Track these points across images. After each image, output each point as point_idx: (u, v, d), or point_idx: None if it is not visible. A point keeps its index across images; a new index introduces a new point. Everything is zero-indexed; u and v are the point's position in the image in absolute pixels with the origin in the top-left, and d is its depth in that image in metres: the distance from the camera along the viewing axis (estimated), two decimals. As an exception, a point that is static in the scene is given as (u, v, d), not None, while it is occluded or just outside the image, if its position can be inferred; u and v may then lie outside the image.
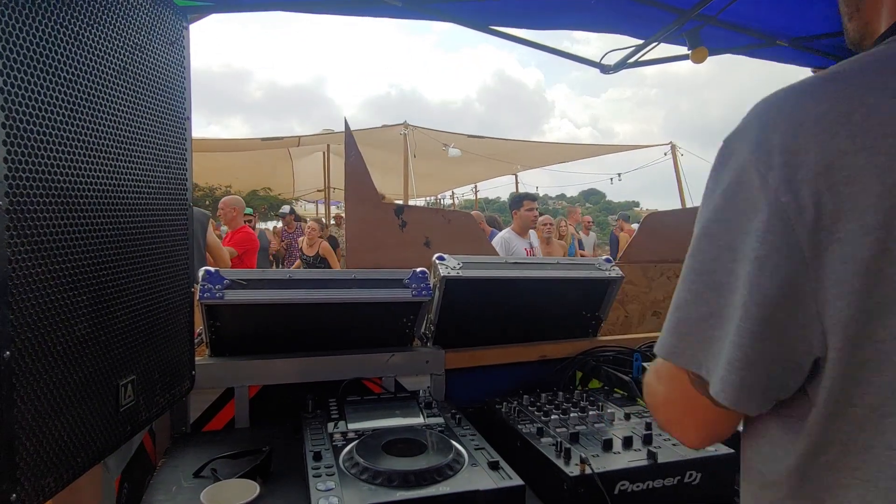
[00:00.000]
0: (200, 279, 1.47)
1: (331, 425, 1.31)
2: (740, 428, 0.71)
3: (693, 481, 1.18)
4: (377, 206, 1.99)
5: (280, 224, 9.94)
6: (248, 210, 7.86)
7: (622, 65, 2.13)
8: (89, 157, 0.83)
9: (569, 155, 13.80)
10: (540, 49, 2.33)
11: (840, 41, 2.64)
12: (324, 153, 12.43)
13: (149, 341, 1.00)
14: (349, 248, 1.97)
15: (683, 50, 2.29)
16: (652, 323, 2.39)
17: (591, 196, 51.73)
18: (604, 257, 1.94)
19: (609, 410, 1.43)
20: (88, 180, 0.83)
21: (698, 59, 1.76)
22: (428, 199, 19.04)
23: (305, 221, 10.11)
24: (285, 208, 9.96)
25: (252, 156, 11.82)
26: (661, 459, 1.16)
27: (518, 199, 4.45)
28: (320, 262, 7.24)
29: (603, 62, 2.18)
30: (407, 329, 1.77)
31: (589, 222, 10.10)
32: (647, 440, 1.25)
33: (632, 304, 2.40)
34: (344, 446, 1.19)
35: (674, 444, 1.25)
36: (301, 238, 8.24)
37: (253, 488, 0.99)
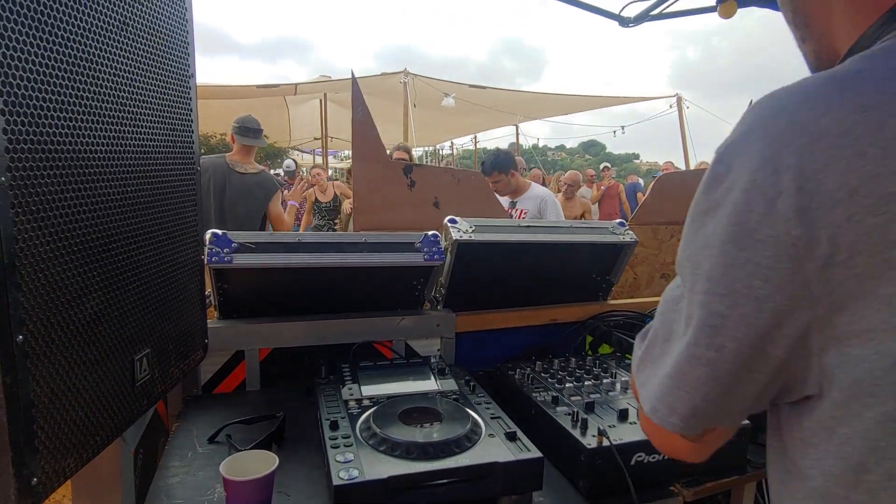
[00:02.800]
0: (208, 242, 1.43)
1: (345, 391, 1.30)
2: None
3: (708, 452, 1.18)
4: (385, 166, 1.93)
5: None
6: None
7: (644, 17, 2.02)
8: (91, 123, 0.78)
9: (572, 106, 13.48)
10: (554, -3, 2.20)
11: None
12: (321, 101, 12.10)
13: (162, 312, 0.97)
14: (357, 209, 1.92)
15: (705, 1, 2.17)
16: (660, 285, 2.38)
17: (591, 148, 51.13)
18: (617, 220, 1.90)
19: (623, 378, 1.43)
20: (92, 147, 0.78)
21: (727, 14, 1.65)
22: (426, 149, 18.75)
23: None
24: (290, 164, 9.27)
25: (247, 103, 11.48)
26: (677, 431, 1.16)
27: (487, 170, 3.43)
28: (340, 204, 6.85)
29: (622, 14, 2.06)
30: (417, 292, 1.75)
31: (591, 176, 9.92)
32: (662, 410, 1.25)
33: (641, 266, 2.38)
34: (360, 414, 1.18)
35: (688, 415, 1.25)
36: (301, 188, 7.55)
37: (272, 460, 0.99)
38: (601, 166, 9.90)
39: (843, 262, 0.45)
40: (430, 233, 1.63)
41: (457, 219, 1.68)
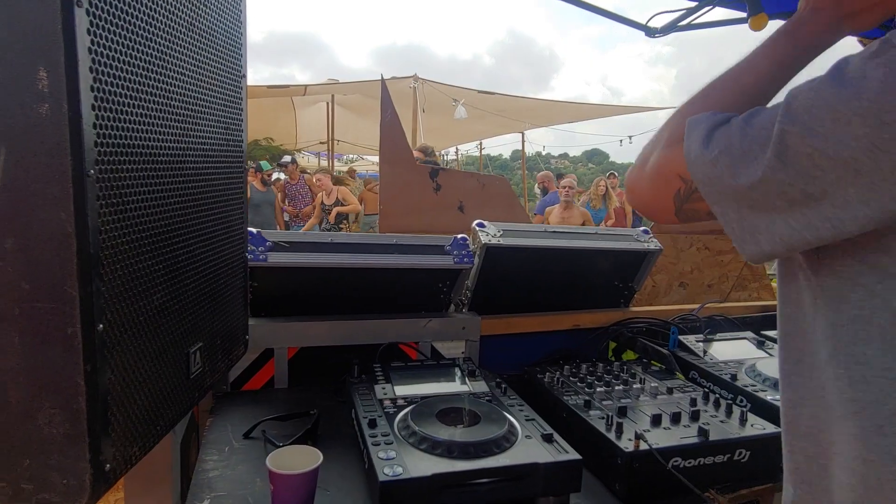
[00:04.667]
0: (243, 240, 1.44)
1: (379, 391, 1.31)
2: None
3: (742, 459, 1.19)
4: (412, 169, 1.95)
5: (282, 176, 9.37)
6: None
7: (671, 28, 2.04)
8: (162, 119, 0.79)
9: (578, 115, 13.53)
10: (579, 6, 2.23)
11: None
12: (328, 103, 12.13)
13: (213, 307, 0.98)
14: (383, 212, 1.94)
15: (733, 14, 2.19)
16: (679, 294, 2.39)
17: (595, 156, 51.18)
18: (641, 228, 1.92)
19: (652, 384, 1.44)
20: (162, 143, 0.79)
21: (758, 27, 1.66)
22: (431, 154, 18.74)
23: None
24: (286, 158, 9.47)
25: (255, 103, 11.49)
26: (712, 437, 1.17)
27: None
28: (341, 205, 7.40)
29: (649, 25, 2.08)
30: (443, 294, 1.76)
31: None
32: (695, 416, 1.26)
33: (660, 275, 2.39)
34: (395, 413, 1.20)
35: (721, 422, 1.26)
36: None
37: (316, 455, 1.00)
38: (607, 174, 9.82)
39: None
40: (459, 236, 1.64)
41: (485, 223, 1.70)
